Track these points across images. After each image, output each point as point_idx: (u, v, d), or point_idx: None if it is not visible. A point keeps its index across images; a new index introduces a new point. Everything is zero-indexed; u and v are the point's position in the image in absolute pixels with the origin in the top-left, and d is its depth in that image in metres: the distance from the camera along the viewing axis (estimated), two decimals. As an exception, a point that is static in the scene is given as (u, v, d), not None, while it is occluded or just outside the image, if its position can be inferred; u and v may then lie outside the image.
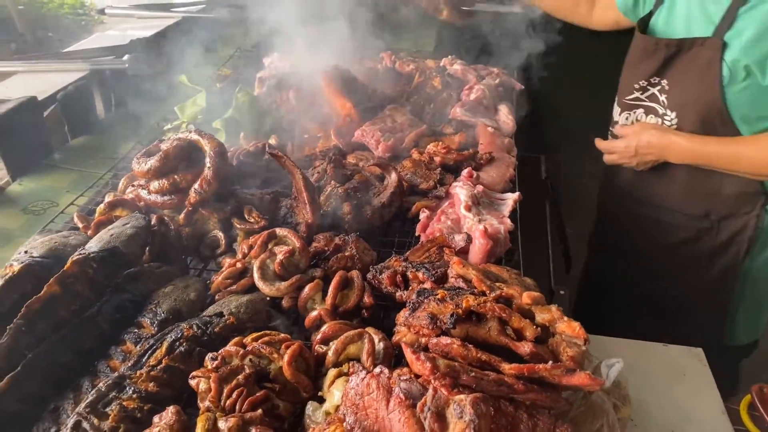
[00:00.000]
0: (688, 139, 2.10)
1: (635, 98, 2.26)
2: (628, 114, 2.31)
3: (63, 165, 2.36)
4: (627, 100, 2.29)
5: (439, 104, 2.51)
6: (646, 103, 2.24)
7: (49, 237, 1.62)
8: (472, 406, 1.05)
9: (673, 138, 2.13)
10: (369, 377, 1.15)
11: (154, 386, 1.31)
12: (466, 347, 1.25)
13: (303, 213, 1.79)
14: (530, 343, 1.28)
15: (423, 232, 1.82)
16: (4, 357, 1.29)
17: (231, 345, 1.37)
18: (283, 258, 1.57)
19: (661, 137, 2.15)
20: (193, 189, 1.72)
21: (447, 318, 1.29)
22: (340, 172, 1.98)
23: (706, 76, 2.00)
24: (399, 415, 1.10)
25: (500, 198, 1.93)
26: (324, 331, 1.43)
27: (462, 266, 1.47)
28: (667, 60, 2.11)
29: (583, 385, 1.21)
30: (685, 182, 2.24)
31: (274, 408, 1.28)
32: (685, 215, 2.29)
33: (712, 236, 2.27)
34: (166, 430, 1.19)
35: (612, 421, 1.53)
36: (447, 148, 2.08)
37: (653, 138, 2.17)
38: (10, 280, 1.41)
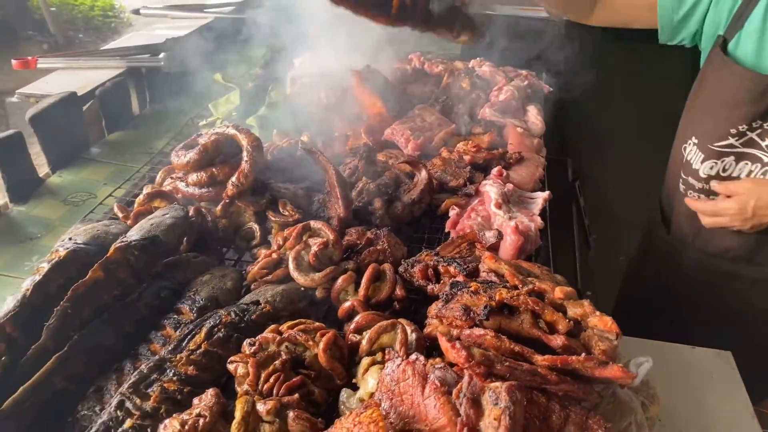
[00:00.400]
0: None
1: (728, 145, 1.90)
2: (714, 163, 1.93)
3: (100, 159, 2.43)
4: (717, 146, 1.92)
5: (467, 105, 2.53)
6: (739, 150, 1.90)
7: (92, 225, 1.67)
8: (508, 394, 1.07)
9: None
10: (405, 364, 1.18)
11: (194, 370, 1.35)
12: (500, 338, 1.27)
13: (335, 207, 1.82)
14: (563, 336, 1.30)
15: (453, 228, 1.84)
16: (52, 337, 1.34)
17: (268, 332, 1.40)
18: (317, 249, 1.60)
19: None
20: (230, 182, 1.76)
21: (480, 309, 1.31)
22: (371, 169, 2.01)
23: None
24: (434, 401, 1.12)
25: (530, 197, 1.95)
26: (357, 321, 1.45)
27: (494, 261, 1.50)
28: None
29: (616, 377, 1.22)
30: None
31: (309, 393, 1.31)
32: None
33: None
34: (206, 412, 1.22)
35: (640, 419, 1.54)
36: (477, 146, 2.10)
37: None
38: (56, 264, 1.46)
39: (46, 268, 1.45)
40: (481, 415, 1.08)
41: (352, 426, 1.10)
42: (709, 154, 1.95)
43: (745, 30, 1.80)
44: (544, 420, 1.18)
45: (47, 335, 1.34)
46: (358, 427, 1.09)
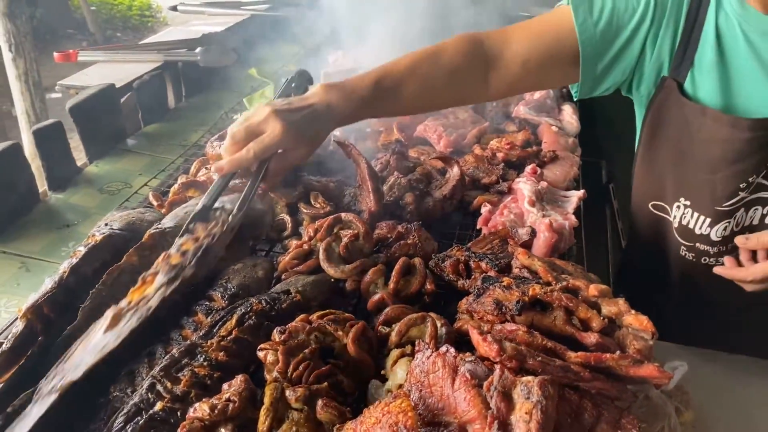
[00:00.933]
0: None
1: (739, 200, 1.67)
2: (727, 223, 1.71)
3: (136, 150, 2.47)
4: (726, 206, 1.68)
5: (501, 103, 2.51)
6: (748, 198, 1.68)
7: (127, 212, 1.70)
8: (540, 388, 1.05)
9: None
10: (435, 355, 1.16)
11: (224, 356, 1.36)
12: (532, 334, 1.25)
13: (366, 201, 1.82)
14: (596, 334, 1.28)
15: (485, 225, 1.83)
16: (87, 319, 1.36)
17: (298, 321, 1.40)
18: (347, 241, 1.60)
19: None
20: (263, 172, 1.77)
21: (513, 304, 1.29)
22: (403, 164, 2.01)
23: None
24: (465, 394, 1.11)
25: (564, 195, 1.92)
26: (387, 313, 1.45)
27: (527, 256, 1.48)
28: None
29: (651, 377, 1.19)
30: None
31: (338, 383, 1.31)
32: None
33: None
34: (235, 397, 1.23)
35: (674, 424, 1.51)
36: (510, 143, 2.08)
37: None
38: (92, 248, 1.49)
39: (83, 251, 1.48)
40: (512, 409, 1.06)
41: (381, 415, 1.09)
42: (718, 216, 1.70)
43: (696, 67, 1.56)
44: (575, 418, 1.16)
45: (82, 317, 1.37)
46: (387, 417, 1.08)
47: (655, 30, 1.56)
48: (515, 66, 1.64)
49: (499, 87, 1.70)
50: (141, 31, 11.05)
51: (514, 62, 1.64)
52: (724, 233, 1.73)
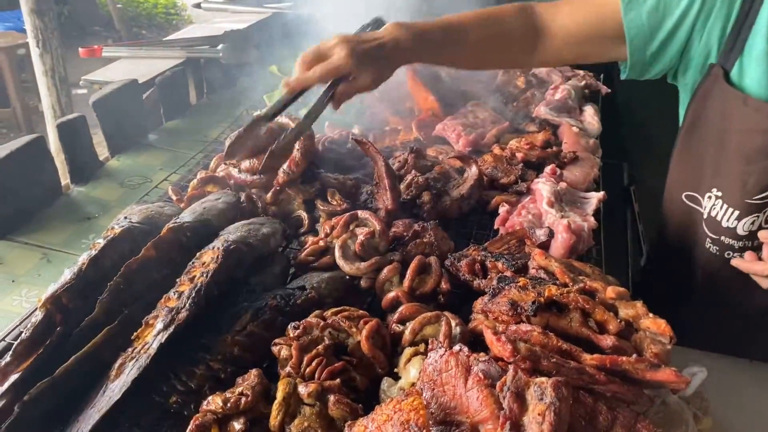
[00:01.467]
0: None
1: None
2: (756, 216, 1.69)
3: (157, 145, 2.50)
4: (757, 199, 1.67)
5: (522, 103, 2.49)
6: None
7: (146, 206, 1.72)
8: (554, 389, 1.03)
9: None
10: (448, 354, 1.16)
11: (238, 350, 1.36)
12: (547, 335, 1.24)
13: (383, 199, 1.82)
14: (613, 337, 1.26)
15: (502, 225, 1.81)
16: (104, 311, 1.38)
17: (312, 317, 1.41)
18: (363, 239, 1.60)
19: None
20: (281, 169, 1.78)
21: (528, 305, 1.28)
22: (421, 163, 2.00)
23: None
24: (477, 393, 1.10)
25: (584, 197, 1.90)
26: (401, 311, 1.44)
27: (544, 257, 1.46)
28: None
29: (669, 381, 1.18)
30: None
31: (351, 380, 1.31)
32: None
33: None
34: (248, 391, 1.23)
35: (691, 431, 1.48)
36: (530, 144, 2.07)
37: None
38: (111, 240, 1.51)
39: (102, 243, 1.49)
40: (525, 410, 1.05)
41: (392, 413, 1.09)
42: (748, 209, 1.68)
43: (746, 55, 1.53)
44: (590, 421, 1.14)
45: (100, 309, 1.38)
46: (398, 414, 1.08)
47: (704, 17, 1.56)
48: (560, 38, 1.72)
49: (545, 56, 1.80)
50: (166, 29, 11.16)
51: (559, 35, 1.72)
52: (751, 227, 1.70)
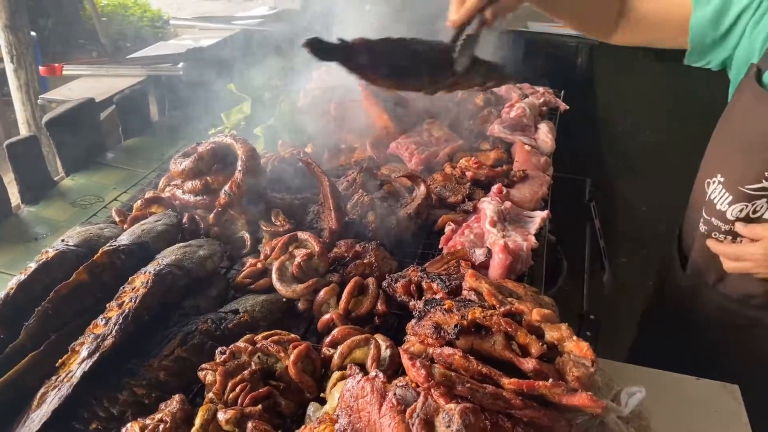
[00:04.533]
0: None
1: (762, 188, 1.77)
2: (744, 205, 1.80)
3: (114, 164, 2.49)
4: (748, 189, 1.78)
5: (478, 120, 2.50)
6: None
7: (86, 228, 1.71)
8: (461, 416, 1.03)
9: None
10: (364, 380, 1.16)
11: (165, 375, 1.35)
12: (467, 359, 1.23)
13: (328, 219, 1.82)
14: (534, 360, 1.26)
15: (446, 245, 1.82)
16: (30, 337, 1.37)
17: (242, 341, 1.40)
18: (301, 260, 1.59)
19: None
20: (223, 190, 1.78)
21: (451, 328, 1.28)
22: (371, 182, 2.00)
23: None
24: (389, 420, 1.10)
25: (528, 215, 1.91)
26: (333, 335, 1.44)
27: (475, 279, 1.46)
28: None
29: (584, 406, 1.17)
30: None
31: (275, 405, 1.30)
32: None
33: None
34: (168, 417, 1.22)
35: (630, 451, 1.48)
36: (479, 163, 2.07)
37: None
38: (42, 265, 1.50)
39: (33, 267, 1.49)
40: (434, 437, 1.05)
41: (303, 440, 1.08)
42: (739, 196, 1.79)
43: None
44: (507, 446, 1.14)
45: (25, 334, 1.37)
46: (309, 443, 1.07)
47: (758, 17, 1.69)
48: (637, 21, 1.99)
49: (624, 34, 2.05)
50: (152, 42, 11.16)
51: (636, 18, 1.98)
52: (738, 215, 1.80)
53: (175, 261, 1.56)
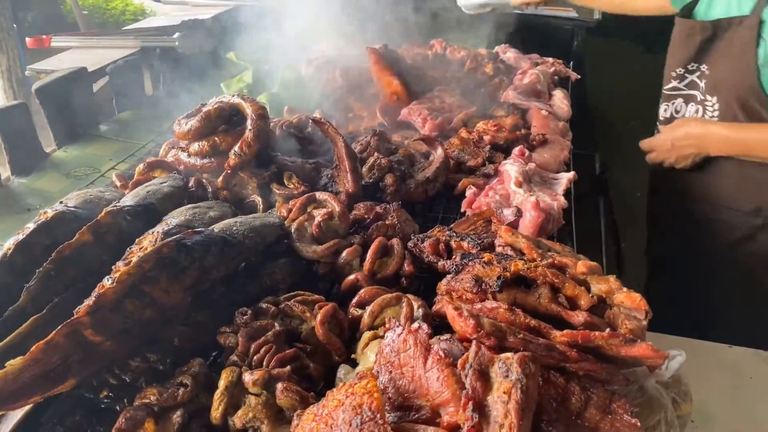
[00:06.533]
0: (727, 127, 2.02)
1: (673, 87, 2.18)
2: (667, 105, 2.22)
3: (108, 136, 2.36)
4: (666, 90, 2.21)
5: (490, 89, 2.42)
6: (685, 92, 2.17)
7: (85, 191, 1.60)
8: (520, 365, 0.94)
9: (711, 128, 2.05)
10: (406, 333, 1.06)
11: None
12: (514, 311, 1.14)
13: (344, 181, 1.71)
14: (585, 313, 1.17)
15: (469, 207, 1.72)
16: (32, 299, 1.25)
17: (263, 303, 1.30)
18: (321, 220, 1.49)
19: (699, 127, 2.08)
20: (233, 151, 1.67)
21: (493, 280, 1.19)
22: (384, 146, 1.91)
23: (742, 56, 1.92)
24: (437, 373, 1.00)
25: (553, 177, 1.82)
26: (360, 295, 1.34)
27: (511, 234, 1.37)
28: (705, 44, 2.04)
29: (645, 357, 1.09)
30: (735, 176, 2.10)
31: (304, 368, 1.20)
32: (737, 211, 2.15)
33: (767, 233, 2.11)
34: (188, 380, 1.12)
35: (671, 417, 1.39)
36: (498, 125, 1.98)
37: (691, 129, 2.09)
38: (42, 225, 1.38)
39: (31, 227, 1.37)
40: (489, 389, 0.95)
41: (344, 397, 0.98)
42: (663, 98, 2.26)
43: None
44: (561, 402, 1.05)
45: (26, 297, 1.26)
46: (350, 399, 0.97)
47: None
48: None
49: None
50: (134, 37, 10.93)
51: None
52: (665, 114, 2.26)
53: (185, 222, 1.45)
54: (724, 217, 2.19)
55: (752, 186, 2.08)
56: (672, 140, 2.13)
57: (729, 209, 2.16)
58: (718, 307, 2.25)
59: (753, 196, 2.09)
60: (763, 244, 2.12)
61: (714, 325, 2.21)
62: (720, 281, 2.24)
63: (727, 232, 2.19)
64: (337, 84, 2.35)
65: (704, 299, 2.28)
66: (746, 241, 2.16)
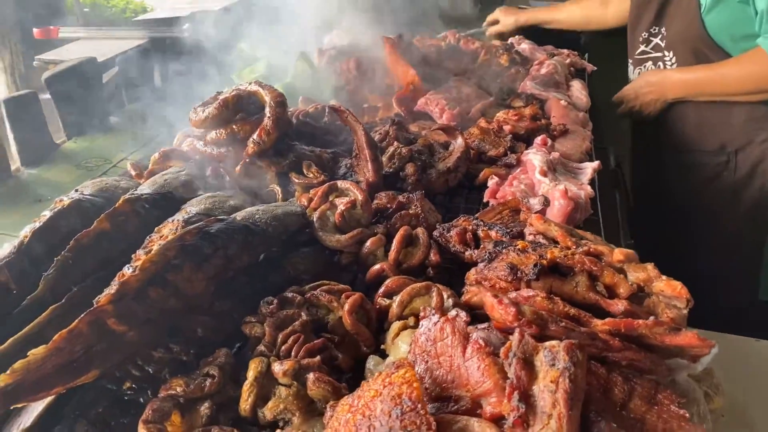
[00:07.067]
0: (679, 70, 2.35)
1: (641, 52, 2.47)
2: (641, 69, 2.51)
3: (119, 127, 2.32)
4: (636, 56, 2.51)
5: (506, 79, 2.38)
6: (652, 55, 2.45)
7: (100, 179, 1.56)
8: (567, 353, 0.90)
9: (666, 73, 2.39)
10: (443, 321, 1.02)
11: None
12: (552, 300, 1.10)
13: (364, 171, 1.67)
14: (625, 301, 1.13)
15: (493, 197, 1.68)
16: (50, 289, 1.21)
17: (288, 292, 1.26)
18: (344, 208, 1.45)
19: (657, 75, 2.41)
20: (251, 139, 1.63)
21: (530, 268, 1.15)
22: (403, 135, 1.87)
23: (689, 10, 2.22)
24: (478, 362, 0.96)
25: (578, 167, 1.78)
26: (387, 284, 1.30)
27: (543, 222, 1.33)
28: (661, 7, 2.36)
29: (691, 345, 1.05)
30: (695, 119, 2.38)
31: (332, 359, 1.16)
32: (702, 152, 2.41)
33: (731, 170, 2.35)
34: (215, 371, 1.08)
35: (703, 411, 1.35)
36: (519, 114, 1.95)
37: (650, 77, 2.42)
38: (59, 212, 1.34)
39: (48, 215, 1.33)
40: (535, 378, 0.91)
41: (381, 387, 0.94)
42: (634, 62, 2.55)
43: None
44: (604, 393, 1.01)
45: (45, 286, 1.22)
46: (388, 389, 0.93)
47: None
48: None
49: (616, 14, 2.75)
50: (135, 34, 10.88)
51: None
52: (634, 77, 2.55)
53: (204, 210, 1.40)
54: (687, 160, 2.45)
55: (711, 126, 2.35)
56: (635, 89, 2.44)
57: (694, 151, 2.42)
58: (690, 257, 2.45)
59: (715, 135, 2.35)
60: (727, 181, 2.36)
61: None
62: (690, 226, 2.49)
63: (691, 174, 2.43)
64: (351, 74, 2.31)
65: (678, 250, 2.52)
66: (710, 182, 2.41)
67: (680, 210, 2.50)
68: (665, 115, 2.45)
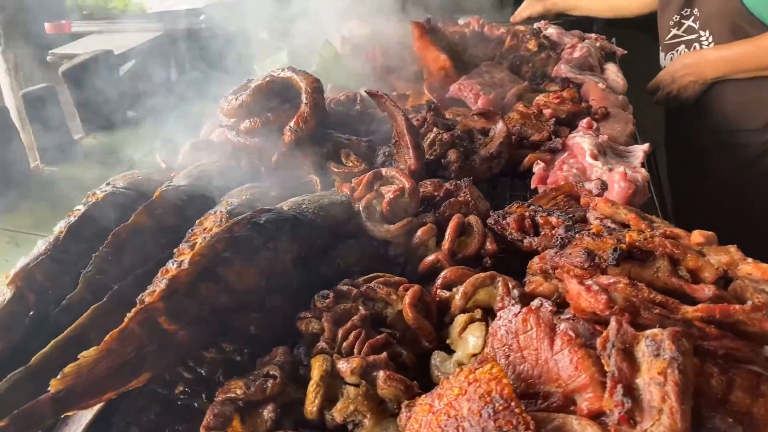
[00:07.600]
0: (717, 48, 2.26)
1: (673, 36, 2.41)
2: (672, 54, 2.45)
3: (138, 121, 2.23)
4: (667, 41, 2.45)
5: (537, 64, 2.29)
6: (685, 38, 2.38)
7: (131, 172, 1.47)
8: (673, 341, 0.82)
9: (703, 53, 2.30)
10: (526, 312, 0.94)
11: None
12: (636, 286, 1.02)
13: (405, 158, 1.59)
14: (712, 286, 1.05)
15: (541, 183, 1.60)
16: (89, 287, 1.13)
17: (342, 285, 1.18)
18: (392, 196, 1.37)
19: (693, 56, 2.33)
20: (288, 127, 1.55)
21: (609, 253, 1.06)
22: (441, 121, 1.78)
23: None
24: (569, 355, 0.88)
25: (626, 150, 1.70)
26: (445, 275, 1.22)
27: (610, 205, 1.25)
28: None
29: (794, 332, 0.97)
30: (736, 96, 2.29)
31: (396, 355, 1.08)
32: (745, 132, 2.32)
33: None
34: (276, 371, 0.99)
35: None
36: (560, 97, 1.86)
37: (686, 59, 2.34)
38: (93, 206, 1.26)
39: (82, 210, 1.25)
40: (637, 370, 0.83)
41: (466, 385, 0.86)
42: (666, 49, 2.49)
43: None
44: (698, 387, 0.93)
45: (83, 284, 1.14)
46: (474, 386, 0.85)
47: None
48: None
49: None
50: (135, 35, 10.80)
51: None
52: (666, 62, 2.50)
53: (246, 201, 1.32)
54: (732, 141, 2.35)
55: (754, 104, 2.26)
56: (671, 73, 2.36)
57: (737, 132, 2.33)
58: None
59: (758, 113, 2.26)
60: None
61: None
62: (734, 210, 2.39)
63: (739, 154, 2.35)
64: (378, 62, 2.23)
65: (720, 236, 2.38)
66: (759, 161, 2.32)
67: (722, 195, 2.42)
68: (702, 98, 2.37)
